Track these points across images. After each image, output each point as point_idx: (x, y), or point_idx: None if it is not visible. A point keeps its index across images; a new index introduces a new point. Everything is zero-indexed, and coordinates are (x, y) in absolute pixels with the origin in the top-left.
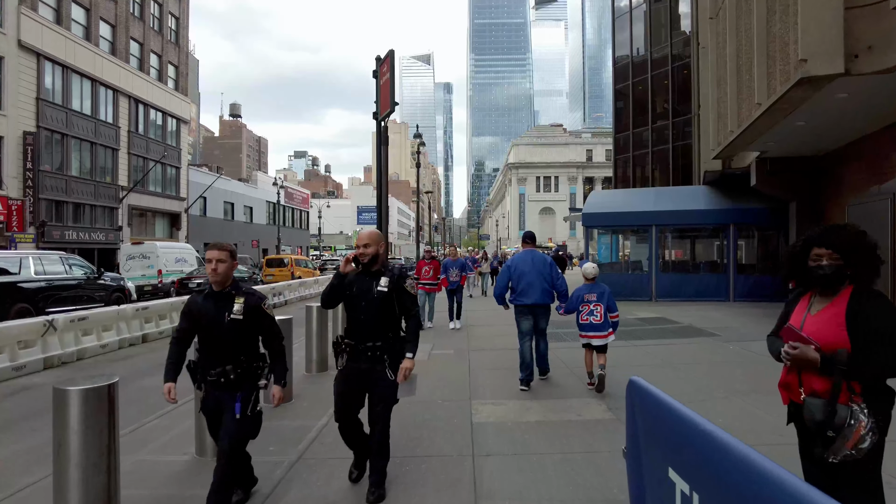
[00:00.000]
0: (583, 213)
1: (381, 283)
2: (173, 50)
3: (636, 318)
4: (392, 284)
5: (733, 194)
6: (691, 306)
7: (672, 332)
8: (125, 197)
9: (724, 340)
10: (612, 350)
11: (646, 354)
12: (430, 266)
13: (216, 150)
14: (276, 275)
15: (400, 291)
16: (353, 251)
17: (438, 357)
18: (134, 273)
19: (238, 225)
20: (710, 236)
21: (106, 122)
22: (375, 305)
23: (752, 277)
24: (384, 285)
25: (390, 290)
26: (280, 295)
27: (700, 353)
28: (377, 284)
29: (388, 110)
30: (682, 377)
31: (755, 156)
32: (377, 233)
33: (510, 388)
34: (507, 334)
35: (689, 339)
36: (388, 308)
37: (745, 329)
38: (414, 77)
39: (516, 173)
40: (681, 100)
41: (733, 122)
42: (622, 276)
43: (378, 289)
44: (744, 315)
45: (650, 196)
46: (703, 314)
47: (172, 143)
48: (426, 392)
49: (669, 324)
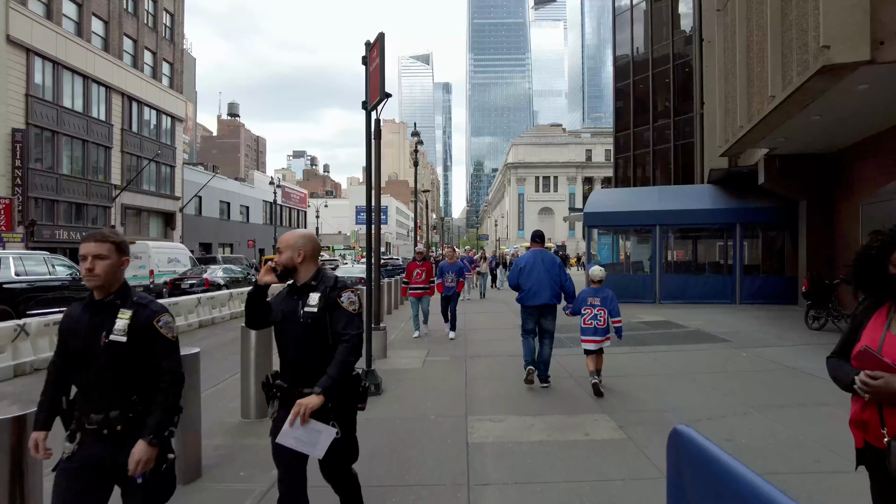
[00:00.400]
0: (584, 212)
1: (309, 302)
2: (168, 47)
3: (641, 321)
4: (323, 301)
5: (740, 193)
6: (697, 309)
7: (681, 338)
8: (118, 196)
9: (735, 347)
10: (620, 357)
11: (655, 362)
12: (422, 268)
13: (214, 149)
14: None
15: (333, 309)
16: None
17: (433, 364)
18: (126, 273)
19: (234, 224)
20: (715, 236)
21: (98, 119)
22: (303, 333)
23: (759, 279)
24: (313, 304)
25: (321, 311)
26: None
27: (713, 362)
28: (304, 304)
29: (378, 99)
30: (698, 389)
31: (763, 153)
32: (300, 234)
33: (510, 401)
34: (506, 339)
35: (698, 345)
36: (322, 335)
37: (756, 334)
38: (413, 77)
39: (515, 173)
40: (683, 98)
41: (743, 118)
42: (624, 278)
43: (305, 310)
44: (752, 318)
45: (653, 195)
46: (710, 317)
47: (167, 142)
48: (419, 406)
49: (676, 328)
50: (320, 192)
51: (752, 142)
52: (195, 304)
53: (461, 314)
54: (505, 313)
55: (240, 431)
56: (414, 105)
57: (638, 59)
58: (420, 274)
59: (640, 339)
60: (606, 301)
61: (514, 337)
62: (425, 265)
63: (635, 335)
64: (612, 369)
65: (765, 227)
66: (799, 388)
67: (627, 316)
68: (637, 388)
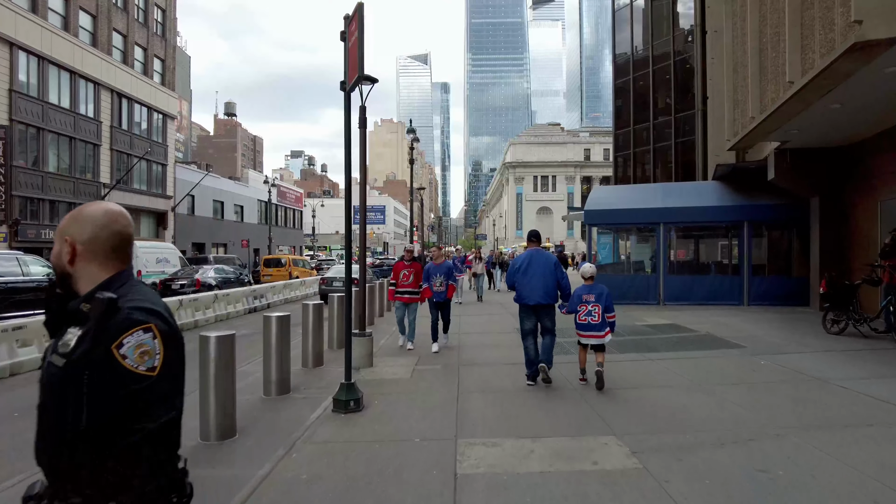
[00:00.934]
0: (585, 209)
1: (62, 342)
2: (159, 43)
3: (646, 324)
4: (82, 347)
5: (747, 190)
6: (703, 311)
7: (690, 343)
8: (107, 194)
9: (751, 353)
10: (628, 366)
11: (667, 371)
12: (410, 269)
13: (210, 148)
14: (274, 275)
15: (98, 367)
16: None
17: (423, 374)
18: None
19: (228, 224)
20: (721, 235)
21: (86, 116)
22: (47, 401)
23: (767, 279)
24: (63, 348)
25: (74, 365)
26: (262, 297)
27: (731, 371)
28: (58, 344)
29: (356, 76)
30: (718, 404)
31: (773, 147)
32: (81, 213)
33: (506, 418)
34: (502, 345)
35: (711, 351)
36: (72, 403)
37: (772, 339)
38: (411, 77)
39: (514, 172)
40: (684, 95)
41: (755, 108)
42: (626, 279)
43: (50, 358)
44: (764, 321)
45: (657, 192)
46: (719, 320)
47: (158, 140)
48: (403, 426)
49: (684, 332)
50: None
51: (763, 134)
52: (176, 306)
53: (455, 316)
54: (502, 316)
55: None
56: (412, 105)
57: (638, 55)
58: (408, 275)
59: (648, 344)
60: (601, 297)
61: (512, 343)
62: (414, 266)
63: (641, 340)
64: (619, 379)
65: (774, 225)
66: (834, 403)
67: (631, 319)
68: (649, 403)
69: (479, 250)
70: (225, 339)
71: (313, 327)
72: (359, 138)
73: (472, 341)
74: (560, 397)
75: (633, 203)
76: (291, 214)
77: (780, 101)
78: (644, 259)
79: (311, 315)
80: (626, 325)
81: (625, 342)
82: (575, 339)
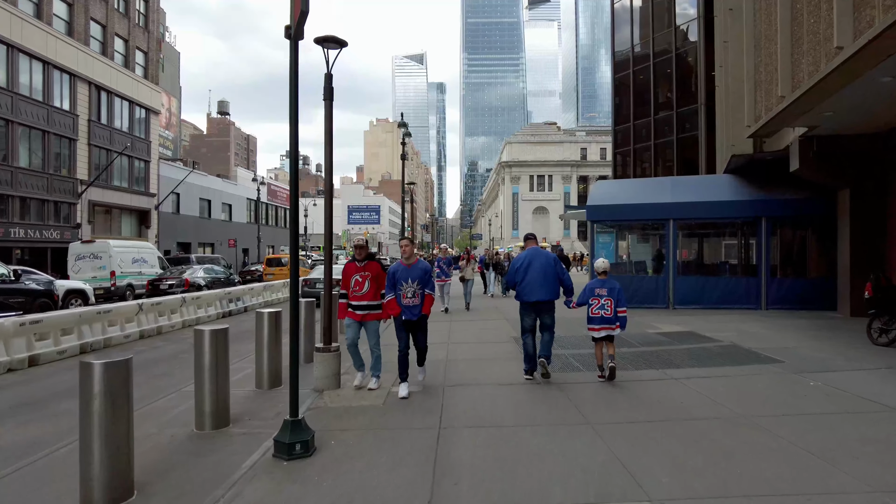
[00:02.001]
0: (587, 205)
1: None
2: (142, 35)
3: (659, 332)
4: None
5: (764, 183)
6: (719, 316)
7: (716, 356)
8: (84, 191)
9: (793, 371)
10: (649, 386)
11: (697, 395)
12: (363, 273)
13: (203, 147)
14: (276, 274)
15: None
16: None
17: (396, 405)
18: (84, 275)
19: (215, 223)
20: (737, 233)
21: (61, 109)
22: None
23: (788, 281)
24: None
25: None
26: (239, 300)
27: (775, 395)
28: None
29: (301, 13)
30: (778, 448)
31: (798, 135)
32: None
33: (503, 472)
34: (498, 359)
35: (743, 367)
36: None
37: (809, 351)
38: (407, 77)
39: (510, 172)
40: (686, 89)
41: (785, 86)
42: (632, 280)
43: None
44: (792, 329)
45: (665, 186)
46: (741, 327)
47: (141, 135)
48: (361, 485)
49: (705, 341)
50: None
51: (792, 117)
52: (135, 311)
53: (442, 323)
54: (497, 324)
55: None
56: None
57: (638, 48)
58: (360, 283)
59: (665, 357)
60: (613, 292)
61: (509, 355)
62: (370, 267)
63: (658, 352)
64: (642, 406)
65: (795, 221)
66: None
67: (642, 325)
68: (684, 443)
69: (469, 251)
70: (115, 366)
71: (269, 340)
72: (324, 113)
73: (461, 354)
74: (571, 435)
75: (639, 198)
76: (282, 213)
77: (821, 73)
78: (648, 259)
79: (265, 325)
80: (638, 332)
81: (640, 355)
82: (578, 350)
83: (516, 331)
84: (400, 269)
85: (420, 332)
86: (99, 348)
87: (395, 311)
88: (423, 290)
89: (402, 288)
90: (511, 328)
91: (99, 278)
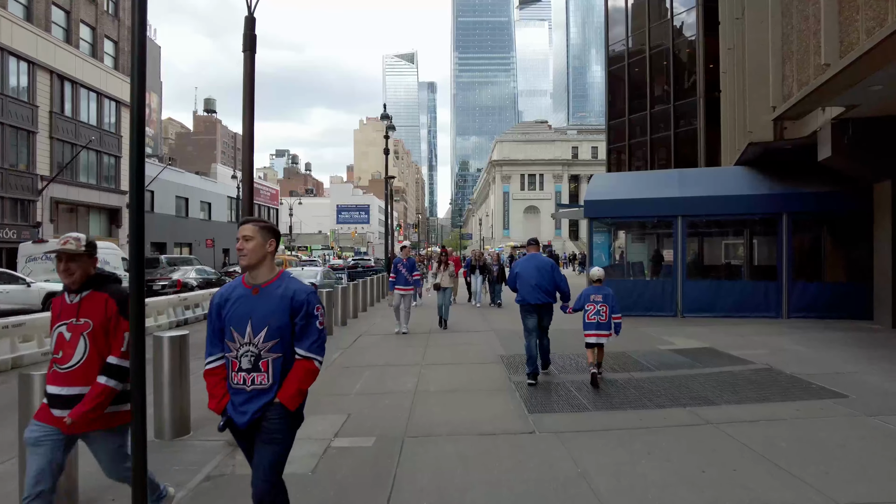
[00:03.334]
0: (584, 200)
1: None
2: (111, 23)
3: (674, 349)
4: None
5: (784, 175)
6: (737, 327)
7: (755, 387)
8: (45, 188)
9: (868, 410)
10: (682, 436)
11: (753, 455)
12: (76, 322)
13: (189, 146)
14: None
15: None
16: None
17: (339, 463)
18: (36, 277)
19: (193, 222)
20: (754, 231)
21: (18, 99)
22: None
23: (813, 286)
24: None
25: None
26: (197, 307)
27: (867, 456)
28: None
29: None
30: None
31: (830, 117)
32: None
33: None
34: (480, 389)
35: (795, 403)
36: None
37: (875, 378)
38: (397, 76)
39: (500, 171)
40: (684, 80)
41: (831, 51)
42: (636, 285)
43: None
44: (832, 345)
45: (672, 179)
46: (769, 342)
47: (110, 129)
48: None
49: (733, 363)
50: (301, 190)
51: (833, 93)
52: None
53: (406, 353)
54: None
55: None
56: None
57: (634, 37)
58: (67, 343)
59: (691, 387)
60: (608, 298)
61: (494, 384)
62: (87, 305)
63: (679, 379)
64: (681, 485)
65: (822, 217)
66: None
67: (650, 339)
68: None
69: (448, 250)
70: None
71: (172, 374)
72: (243, 68)
73: (432, 383)
74: None
75: (643, 192)
76: (266, 212)
77: (886, 31)
78: (654, 260)
79: (166, 354)
80: (649, 350)
81: (657, 383)
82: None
83: (505, 347)
84: (226, 295)
85: (267, 456)
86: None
87: (216, 407)
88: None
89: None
90: (499, 345)
91: (53, 280)
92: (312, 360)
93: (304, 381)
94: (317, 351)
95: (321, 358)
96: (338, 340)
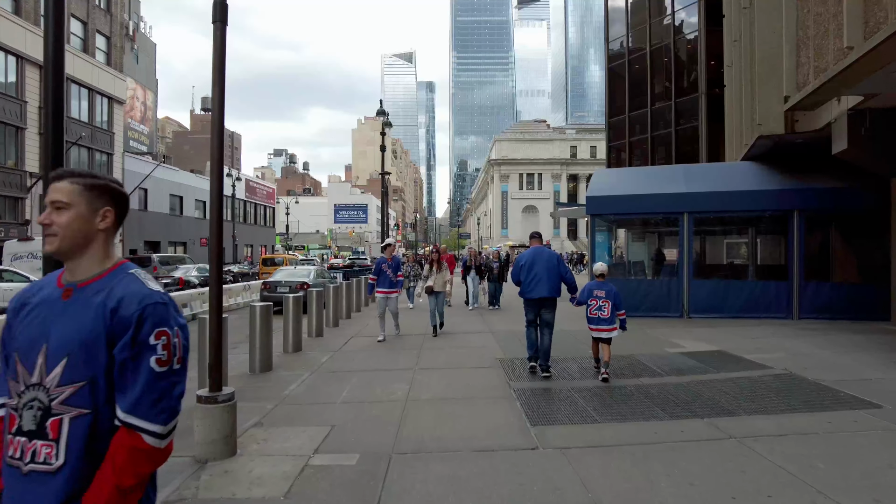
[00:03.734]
0: (587, 195)
1: None
2: (103, 17)
3: (683, 352)
4: None
5: (794, 170)
6: (747, 328)
7: (777, 395)
8: (34, 185)
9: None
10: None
11: (788, 478)
12: None
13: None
14: (273, 273)
15: None
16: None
17: (316, 483)
18: None
19: (188, 221)
20: (764, 229)
21: (5, 94)
22: None
23: (826, 286)
24: None
25: None
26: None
27: None
28: None
29: None
30: None
31: (846, 107)
32: None
33: None
34: (476, 398)
35: (824, 414)
36: None
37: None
38: (396, 76)
39: (499, 170)
40: (685, 76)
41: (854, 33)
42: (640, 284)
43: None
44: (853, 348)
45: (677, 174)
46: (785, 345)
47: (103, 126)
48: None
49: (750, 368)
50: (298, 189)
51: (855, 78)
52: None
53: (400, 357)
54: (480, 345)
55: None
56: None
57: (634, 33)
58: None
59: (707, 395)
60: (610, 294)
61: (492, 392)
62: None
63: (692, 386)
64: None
65: (835, 214)
66: None
67: (658, 341)
68: None
69: (435, 246)
70: None
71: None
72: (212, 41)
73: (427, 390)
74: None
75: (647, 188)
76: (262, 211)
77: None
78: (656, 260)
79: None
80: (657, 353)
81: (670, 390)
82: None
83: (504, 349)
84: None
85: None
86: None
87: None
88: None
89: None
90: (499, 348)
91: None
92: (140, 431)
93: (125, 473)
94: (151, 415)
95: (162, 428)
96: (327, 343)
